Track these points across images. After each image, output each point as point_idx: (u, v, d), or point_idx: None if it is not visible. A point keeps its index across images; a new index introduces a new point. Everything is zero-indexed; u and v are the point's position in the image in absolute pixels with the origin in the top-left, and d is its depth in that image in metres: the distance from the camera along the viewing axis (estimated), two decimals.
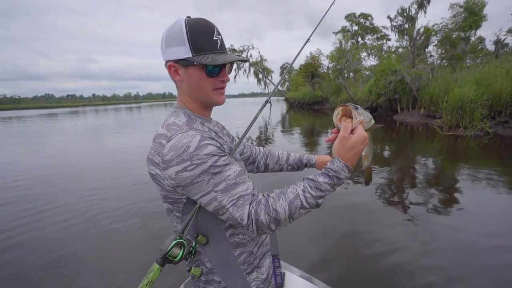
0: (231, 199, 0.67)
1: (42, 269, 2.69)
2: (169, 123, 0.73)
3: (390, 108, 15.61)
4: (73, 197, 4.63)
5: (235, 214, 0.67)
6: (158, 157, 0.69)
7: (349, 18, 31.50)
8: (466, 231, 3.11)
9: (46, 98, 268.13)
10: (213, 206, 0.68)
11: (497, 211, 3.62)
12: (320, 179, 0.70)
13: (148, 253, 2.86)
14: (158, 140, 0.70)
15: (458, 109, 9.18)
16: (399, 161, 6.71)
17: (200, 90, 0.75)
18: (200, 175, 0.65)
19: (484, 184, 4.59)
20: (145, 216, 3.76)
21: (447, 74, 12.60)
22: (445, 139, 8.46)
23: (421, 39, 17.48)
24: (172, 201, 0.74)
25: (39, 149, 9.93)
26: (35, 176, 6.12)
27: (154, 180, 0.74)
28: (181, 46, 0.70)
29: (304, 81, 31.62)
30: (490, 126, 8.82)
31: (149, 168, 0.73)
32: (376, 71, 16.20)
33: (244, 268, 0.80)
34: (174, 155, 0.65)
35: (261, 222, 0.68)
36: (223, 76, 0.76)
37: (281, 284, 1.59)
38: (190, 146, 0.65)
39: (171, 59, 0.72)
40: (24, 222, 3.74)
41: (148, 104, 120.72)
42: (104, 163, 7.25)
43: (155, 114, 30.86)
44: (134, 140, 11.46)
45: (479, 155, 6.77)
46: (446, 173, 5.46)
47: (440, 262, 2.58)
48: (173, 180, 0.68)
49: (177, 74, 0.75)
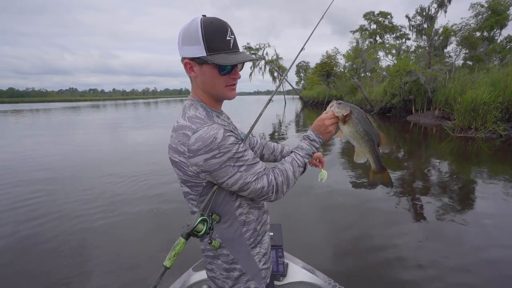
0: (253, 176, 0.80)
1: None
2: (190, 116, 0.80)
3: (405, 109, 15.51)
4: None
5: (257, 186, 0.80)
6: (183, 147, 0.77)
7: (368, 17, 30.99)
8: (477, 235, 3.13)
9: (70, 92, 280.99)
10: (239, 184, 0.79)
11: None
12: (302, 144, 0.96)
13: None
14: (182, 131, 0.77)
15: (471, 111, 9.16)
16: (409, 162, 6.92)
17: (213, 86, 0.83)
18: (227, 160, 0.75)
19: (495, 189, 4.49)
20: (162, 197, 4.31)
21: (464, 76, 12.42)
22: (455, 141, 8.49)
23: (439, 40, 17.13)
24: (192, 185, 0.83)
25: (75, 139, 10.85)
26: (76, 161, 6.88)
27: (175, 166, 0.83)
28: (196, 45, 0.76)
29: (319, 80, 31.57)
30: (504, 128, 8.76)
31: (172, 156, 0.82)
32: (391, 71, 16.12)
33: (249, 243, 0.90)
34: (202, 145, 0.73)
35: (280, 183, 0.84)
36: (234, 74, 0.84)
37: (283, 273, 1.70)
38: (217, 138, 0.74)
39: (187, 56, 0.79)
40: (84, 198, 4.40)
41: (165, 99, 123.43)
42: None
43: (171, 110, 31.84)
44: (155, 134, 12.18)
45: (490, 158, 6.77)
46: (453, 176, 5.64)
47: (449, 263, 2.61)
48: (199, 167, 0.76)
49: (192, 71, 0.82)
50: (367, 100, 19.40)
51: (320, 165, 1.31)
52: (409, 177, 5.32)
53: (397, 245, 2.91)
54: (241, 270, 0.89)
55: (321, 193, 4.43)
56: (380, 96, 17.56)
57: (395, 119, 14.96)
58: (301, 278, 1.71)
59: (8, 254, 2.92)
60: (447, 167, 6.06)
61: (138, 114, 25.82)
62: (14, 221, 3.67)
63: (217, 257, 0.89)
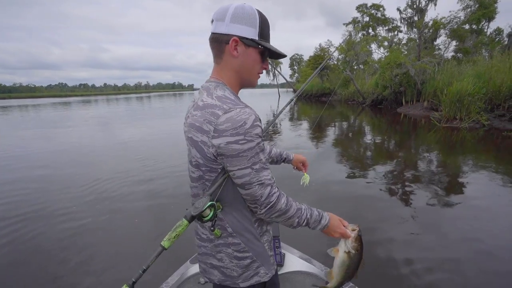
0: (259, 179, 0.76)
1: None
2: (219, 95, 0.77)
3: (395, 101, 15.91)
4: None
5: (258, 191, 0.76)
6: (209, 125, 0.73)
7: (360, 9, 31.09)
8: (464, 221, 3.28)
9: (60, 87, 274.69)
10: (244, 180, 0.75)
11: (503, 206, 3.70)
12: (314, 212, 0.90)
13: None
14: (211, 110, 0.74)
15: (456, 102, 9.55)
16: (398, 152, 7.27)
17: (251, 70, 0.84)
18: (246, 150, 0.72)
19: (481, 177, 4.74)
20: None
21: (451, 68, 12.81)
22: (441, 131, 8.88)
23: (429, 32, 17.47)
24: (208, 169, 0.80)
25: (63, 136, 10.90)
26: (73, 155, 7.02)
27: (194, 146, 0.79)
28: (251, 27, 0.78)
29: (312, 73, 31.72)
30: (487, 118, 9.18)
31: (193, 135, 0.78)
32: (382, 63, 16.44)
33: (258, 232, 0.89)
34: (230, 127, 0.71)
35: (278, 206, 0.80)
36: (266, 65, 0.87)
37: (280, 263, 1.72)
38: (246, 123, 0.71)
39: (238, 34, 0.78)
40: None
41: (158, 94, 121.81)
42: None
43: (164, 104, 31.66)
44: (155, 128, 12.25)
45: (474, 147, 7.13)
46: (439, 165, 6.00)
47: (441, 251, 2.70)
48: (219, 149, 0.73)
49: (235, 50, 0.79)
50: (359, 93, 19.75)
51: (304, 169, 1.37)
52: (399, 167, 5.60)
53: (391, 235, 2.99)
54: (252, 257, 0.88)
55: (316, 184, 4.45)
56: (372, 88, 17.92)
57: (386, 111, 15.35)
58: (298, 267, 1.74)
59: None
60: (434, 157, 6.37)
61: (132, 109, 25.69)
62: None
63: (227, 246, 0.87)
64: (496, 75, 9.85)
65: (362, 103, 19.24)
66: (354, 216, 3.43)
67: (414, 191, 4.22)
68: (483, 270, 2.44)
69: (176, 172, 5.29)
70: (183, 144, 0.96)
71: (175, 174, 5.23)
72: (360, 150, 7.34)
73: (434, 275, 2.37)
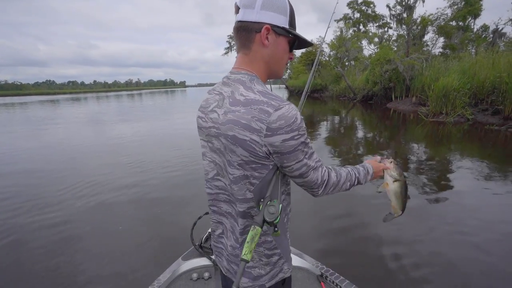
0: (312, 164, 0.78)
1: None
2: (261, 91, 0.74)
3: (385, 96, 16.26)
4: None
5: (313, 177, 0.79)
6: (259, 124, 0.69)
7: (351, 5, 31.36)
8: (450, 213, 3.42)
9: (47, 84, 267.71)
10: (301, 170, 0.77)
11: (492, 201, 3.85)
12: (359, 168, 0.96)
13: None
14: (258, 106, 0.70)
15: (442, 97, 9.89)
16: (388, 146, 7.52)
17: (280, 60, 0.82)
18: (300, 144, 0.73)
19: (466, 168, 4.94)
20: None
21: (438, 64, 13.18)
22: (429, 126, 9.21)
23: (418, 29, 17.86)
24: (258, 166, 0.75)
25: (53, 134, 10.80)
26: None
27: (241, 145, 0.73)
28: (282, 15, 0.76)
29: (305, 69, 31.95)
30: (471, 113, 9.55)
31: (238, 133, 0.72)
32: (372, 60, 16.74)
33: (286, 228, 0.89)
34: (284, 124, 0.69)
35: (330, 183, 0.84)
36: (292, 54, 0.86)
37: None
38: (297, 118, 0.71)
39: (269, 22, 0.75)
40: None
41: (149, 91, 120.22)
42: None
43: (156, 102, 31.39)
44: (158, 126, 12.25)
45: (459, 140, 7.42)
46: (427, 158, 6.27)
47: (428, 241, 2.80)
48: (274, 148, 0.71)
49: (266, 38, 0.76)
50: (350, 88, 20.05)
51: None
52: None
53: (381, 229, 3.05)
54: (279, 254, 0.87)
55: None
56: (363, 84, 18.24)
57: (377, 106, 15.69)
58: None
59: None
60: (421, 151, 6.64)
61: (122, 107, 25.41)
62: None
63: (259, 245, 0.83)
64: (480, 71, 10.22)
65: (353, 98, 19.57)
66: (348, 213, 3.52)
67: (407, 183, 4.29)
68: (471, 261, 2.53)
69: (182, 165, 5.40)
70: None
71: (187, 165, 5.35)
72: (351, 145, 7.57)
73: (424, 269, 2.43)
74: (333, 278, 1.64)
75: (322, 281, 1.65)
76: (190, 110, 18.19)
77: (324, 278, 1.68)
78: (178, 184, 4.66)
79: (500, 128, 8.00)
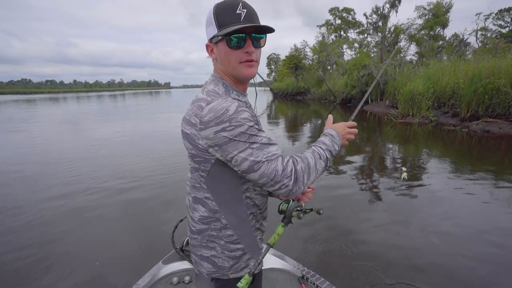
0: (266, 155, 0.73)
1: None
2: (209, 90, 0.79)
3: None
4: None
5: (270, 167, 0.73)
6: (195, 118, 0.75)
7: (333, 12, 32.76)
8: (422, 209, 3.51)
9: (23, 83, 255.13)
10: (248, 162, 0.73)
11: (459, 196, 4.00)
12: (322, 139, 0.90)
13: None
14: (198, 103, 0.77)
15: (409, 100, 10.90)
16: (363, 146, 8.22)
17: (228, 64, 0.80)
18: (238, 135, 0.71)
19: (434, 166, 5.32)
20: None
21: (408, 70, 14.33)
22: (398, 126, 10.11)
23: (391, 37, 19.17)
24: (201, 160, 0.80)
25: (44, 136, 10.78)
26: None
27: (186, 139, 0.80)
28: (211, 25, 0.78)
29: (288, 72, 32.93)
30: (434, 115, 10.59)
31: (184, 128, 0.80)
32: (349, 65, 17.80)
33: (252, 225, 0.91)
34: (213, 117, 0.71)
35: (299, 171, 0.77)
36: (247, 47, 0.78)
37: None
38: (229, 110, 0.71)
39: (208, 37, 0.80)
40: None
41: (132, 92, 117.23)
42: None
43: (139, 102, 30.98)
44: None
45: (424, 139, 8.18)
46: (397, 156, 7.01)
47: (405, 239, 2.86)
48: (209, 140, 0.74)
49: (212, 53, 0.83)
50: (331, 92, 21.08)
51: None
52: (361, 159, 6.46)
53: (363, 229, 3.11)
54: (243, 249, 0.89)
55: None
56: (342, 88, 19.28)
57: (354, 109, 16.56)
58: (271, 264, 1.75)
59: None
60: (392, 150, 7.31)
61: (104, 108, 25.06)
62: None
63: (220, 238, 0.87)
64: (443, 77, 11.32)
65: (333, 101, 20.59)
66: (331, 213, 3.51)
67: (379, 184, 4.51)
68: (449, 254, 2.62)
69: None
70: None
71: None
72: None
73: (408, 261, 2.50)
74: (314, 279, 1.64)
75: (303, 283, 1.66)
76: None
77: (305, 279, 1.68)
78: (161, 186, 4.51)
79: (456, 128, 9.01)
